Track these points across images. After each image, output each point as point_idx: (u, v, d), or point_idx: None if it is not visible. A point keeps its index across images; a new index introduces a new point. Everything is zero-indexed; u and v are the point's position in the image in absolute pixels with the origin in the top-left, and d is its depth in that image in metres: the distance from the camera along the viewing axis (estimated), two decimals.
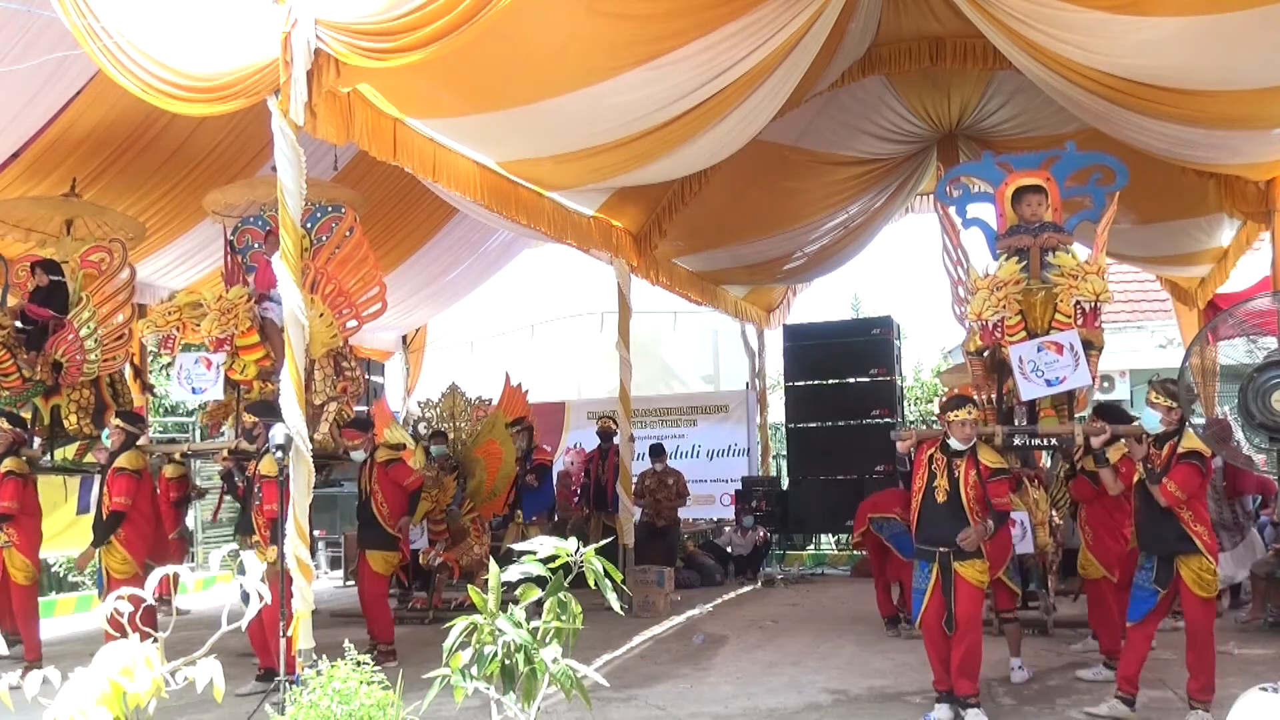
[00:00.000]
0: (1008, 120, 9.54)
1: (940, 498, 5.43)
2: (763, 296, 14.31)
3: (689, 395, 15.11)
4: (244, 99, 5.17)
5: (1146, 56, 6.04)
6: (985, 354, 6.10)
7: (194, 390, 6.90)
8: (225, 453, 6.82)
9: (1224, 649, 6.99)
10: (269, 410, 6.56)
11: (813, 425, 12.29)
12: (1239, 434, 6.49)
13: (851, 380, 12.15)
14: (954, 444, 5.45)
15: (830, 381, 12.35)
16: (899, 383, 12.32)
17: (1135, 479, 5.44)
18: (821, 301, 18.02)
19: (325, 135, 5.42)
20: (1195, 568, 5.20)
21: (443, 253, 11.75)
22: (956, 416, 5.43)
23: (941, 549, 5.41)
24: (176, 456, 7.63)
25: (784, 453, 13.59)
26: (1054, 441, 6.03)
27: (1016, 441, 5.98)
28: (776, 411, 14.62)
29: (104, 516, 6.70)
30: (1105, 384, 16.66)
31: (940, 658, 5.50)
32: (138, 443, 6.96)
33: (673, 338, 16.34)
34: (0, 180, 8.04)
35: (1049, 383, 5.62)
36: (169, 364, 7.29)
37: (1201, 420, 6.75)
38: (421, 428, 9.77)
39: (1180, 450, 5.26)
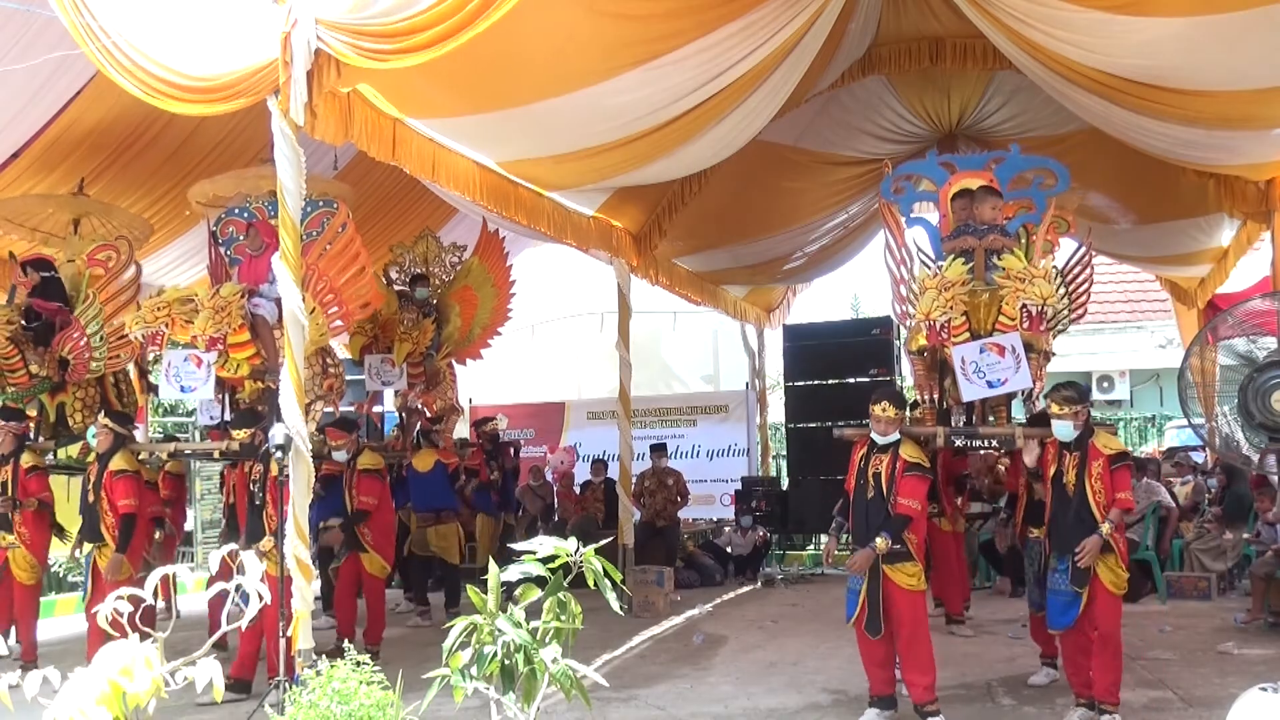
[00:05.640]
0: (1008, 120, 9.55)
1: (869, 494, 5.39)
2: (762, 296, 14.31)
3: (689, 395, 15.11)
4: (244, 99, 5.17)
5: (1147, 56, 6.04)
6: (926, 353, 6.08)
7: (182, 389, 6.81)
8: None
9: (1224, 649, 7.01)
10: (254, 418, 6.54)
11: (813, 425, 12.25)
12: (1239, 433, 6.52)
13: (851, 380, 12.11)
14: (876, 438, 5.44)
15: (830, 381, 12.34)
16: (899, 383, 12.29)
17: (1052, 475, 5.37)
18: (821, 301, 18.03)
19: (324, 135, 5.41)
20: (1111, 565, 5.16)
21: None
22: (877, 409, 5.40)
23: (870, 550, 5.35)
24: (164, 456, 7.59)
25: (784, 453, 13.58)
26: (995, 443, 6.00)
27: (958, 443, 5.96)
28: (776, 411, 14.63)
29: (103, 518, 6.66)
30: (1105, 384, 16.72)
31: (873, 663, 5.45)
32: (125, 443, 6.88)
33: (673, 338, 16.35)
34: (2, 179, 8.06)
35: (990, 384, 5.61)
36: (155, 360, 7.18)
37: (1201, 420, 6.78)
38: (394, 273, 9.73)
39: (1109, 453, 5.20)
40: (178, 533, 9.72)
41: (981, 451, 6.64)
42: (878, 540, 5.22)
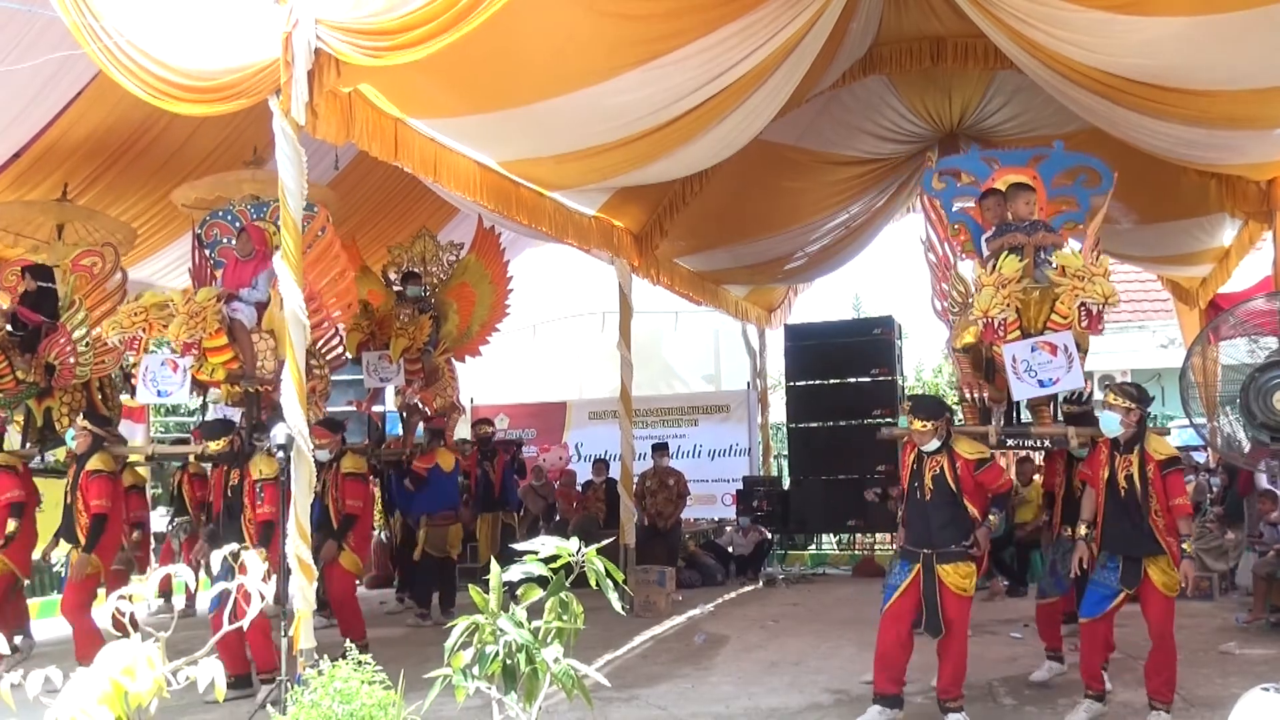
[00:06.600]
0: (1009, 120, 9.54)
1: (925, 496, 5.39)
2: (764, 296, 14.32)
3: (690, 395, 15.12)
4: (245, 99, 5.17)
5: (1148, 56, 6.04)
6: (971, 350, 6.05)
7: (159, 393, 6.82)
8: None
9: (1225, 649, 7.01)
10: (225, 428, 6.53)
11: (814, 425, 12.28)
12: (1240, 433, 6.51)
13: (853, 380, 12.14)
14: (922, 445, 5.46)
15: (831, 381, 12.35)
16: (900, 382, 12.31)
17: (1105, 478, 5.38)
18: (823, 301, 18.03)
19: (326, 135, 5.41)
20: (1163, 567, 5.18)
21: None
22: (916, 426, 5.38)
23: (925, 551, 5.35)
24: (140, 459, 7.58)
25: (785, 452, 13.59)
26: (1047, 443, 5.99)
27: (1010, 443, 5.95)
28: (778, 411, 14.63)
29: (77, 519, 6.66)
30: (1107, 384, 16.70)
31: (887, 659, 5.39)
32: (104, 444, 6.87)
33: (674, 337, 16.35)
34: (2, 180, 8.05)
35: (1042, 383, 5.59)
36: (134, 365, 7.21)
37: (1202, 420, 6.77)
38: (391, 273, 9.76)
39: (1160, 458, 5.22)
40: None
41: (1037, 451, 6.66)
42: (991, 518, 5.34)
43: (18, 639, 7.32)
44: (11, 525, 7.16)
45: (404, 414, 9.63)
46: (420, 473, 8.91)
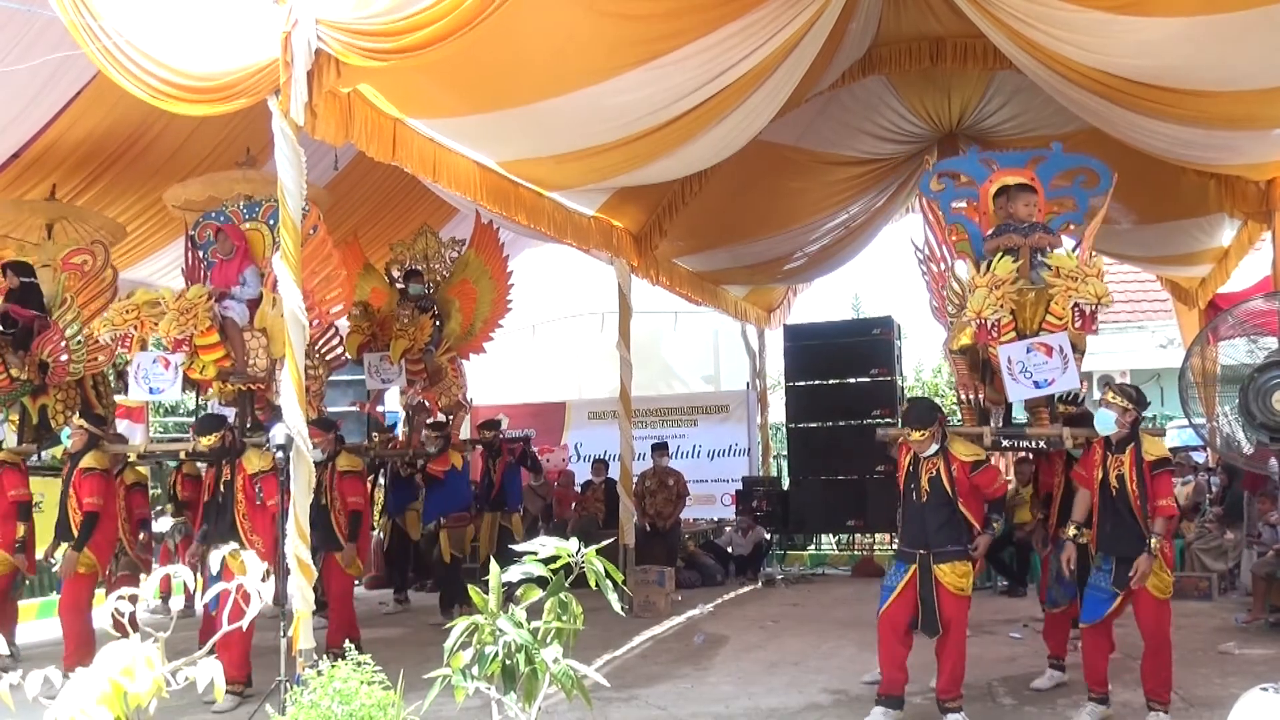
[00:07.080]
0: (1008, 120, 9.54)
1: (922, 498, 5.41)
2: (763, 296, 14.32)
3: (689, 395, 15.12)
4: (244, 99, 5.17)
5: (1147, 56, 6.04)
6: (968, 352, 6.05)
7: (151, 390, 6.83)
8: None
9: (1225, 649, 7.01)
10: (217, 423, 6.52)
11: (813, 425, 12.28)
12: (1239, 433, 6.51)
13: (852, 380, 12.14)
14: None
15: (831, 381, 12.34)
16: (899, 383, 12.31)
17: (1098, 479, 5.39)
18: (822, 301, 18.03)
19: (325, 135, 5.41)
20: (1156, 569, 5.18)
21: None
22: (915, 438, 5.40)
23: (920, 551, 5.37)
24: (132, 457, 7.59)
25: (784, 453, 13.60)
26: (1042, 444, 6.02)
27: (1004, 443, 5.97)
28: (777, 411, 14.63)
29: (70, 517, 6.67)
30: (1107, 383, 16.68)
31: (892, 660, 5.41)
32: (99, 442, 6.87)
33: (673, 338, 16.36)
34: (1, 179, 8.06)
35: (1037, 384, 5.60)
36: (126, 362, 7.20)
37: (1202, 420, 6.77)
38: (395, 271, 9.77)
39: (1150, 459, 5.24)
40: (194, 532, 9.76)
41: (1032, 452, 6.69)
42: (994, 524, 5.43)
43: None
44: (21, 529, 7.18)
45: (410, 414, 9.62)
46: (438, 475, 8.89)
